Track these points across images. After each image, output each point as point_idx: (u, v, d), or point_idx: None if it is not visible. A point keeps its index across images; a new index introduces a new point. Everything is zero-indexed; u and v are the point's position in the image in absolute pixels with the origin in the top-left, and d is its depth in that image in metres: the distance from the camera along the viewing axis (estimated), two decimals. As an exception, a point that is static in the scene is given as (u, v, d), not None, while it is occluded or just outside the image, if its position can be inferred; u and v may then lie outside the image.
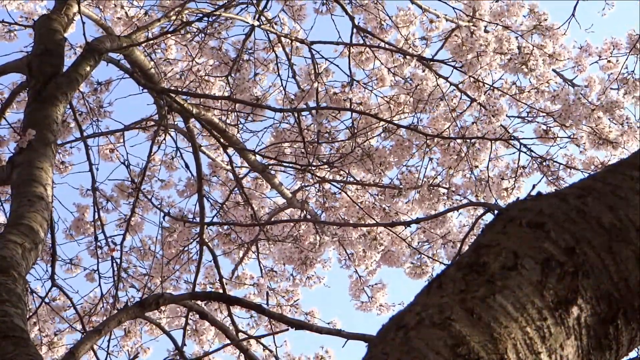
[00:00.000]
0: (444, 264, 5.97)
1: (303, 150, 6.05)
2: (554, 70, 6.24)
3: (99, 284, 6.02)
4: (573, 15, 6.13)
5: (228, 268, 6.50)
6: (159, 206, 6.19)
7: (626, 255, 1.55)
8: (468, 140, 6.02)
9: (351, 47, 6.18)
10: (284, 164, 6.21)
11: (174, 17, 5.69)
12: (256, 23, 6.04)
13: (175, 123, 6.22)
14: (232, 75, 6.27)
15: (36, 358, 2.62)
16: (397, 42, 6.25)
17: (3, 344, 2.64)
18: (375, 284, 6.46)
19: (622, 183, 1.61)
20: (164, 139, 6.27)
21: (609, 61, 6.28)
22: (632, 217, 1.57)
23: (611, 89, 6.15)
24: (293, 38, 6.21)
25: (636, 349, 1.64)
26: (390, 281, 6.59)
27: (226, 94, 6.28)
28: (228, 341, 3.63)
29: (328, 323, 6.43)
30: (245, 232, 6.27)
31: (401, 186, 6.17)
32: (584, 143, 6.06)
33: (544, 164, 6.07)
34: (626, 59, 6.20)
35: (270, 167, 6.32)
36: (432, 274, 6.13)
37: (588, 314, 1.52)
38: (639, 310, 1.55)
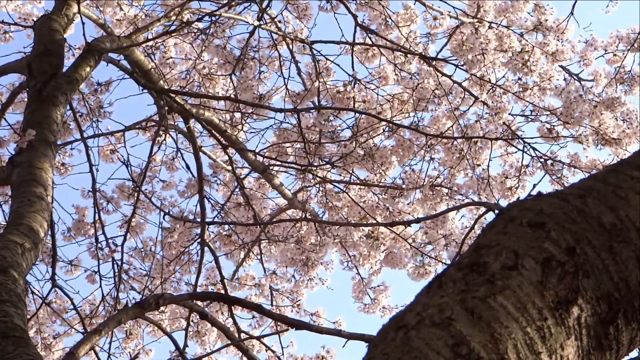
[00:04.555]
0: (446, 264, 5.96)
1: (304, 150, 6.05)
2: (560, 66, 6.23)
3: (100, 286, 6.02)
4: (572, 13, 6.13)
5: (229, 270, 6.50)
6: (159, 206, 6.18)
7: (626, 256, 1.55)
8: (470, 139, 6.01)
9: (354, 46, 6.18)
10: (285, 163, 6.21)
11: (174, 17, 5.68)
12: (257, 23, 6.04)
13: (176, 123, 6.22)
14: (236, 73, 6.27)
15: (36, 358, 2.62)
16: (399, 40, 6.25)
17: (3, 344, 2.64)
18: (378, 286, 6.45)
19: (623, 183, 1.61)
20: (164, 139, 6.27)
21: (614, 55, 6.28)
22: (633, 217, 1.57)
23: (619, 83, 6.14)
24: (293, 38, 6.21)
25: (636, 349, 1.63)
26: (393, 284, 6.59)
27: (230, 93, 6.28)
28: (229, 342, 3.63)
29: (333, 323, 6.43)
30: (246, 232, 6.27)
31: (403, 186, 6.17)
32: (587, 141, 6.05)
33: (548, 162, 6.07)
34: (624, 58, 6.19)
35: (271, 167, 6.32)
36: (435, 274, 6.10)
37: (588, 314, 1.52)
38: (639, 310, 1.55)
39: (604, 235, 1.56)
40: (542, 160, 6.08)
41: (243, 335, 5.55)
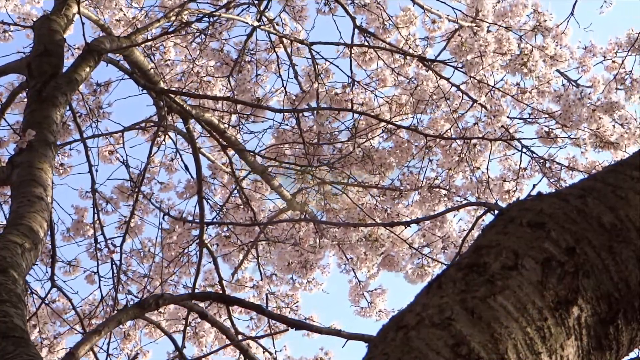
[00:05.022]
0: (445, 264, 5.96)
1: (303, 151, 6.05)
2: (558, 71, 6.23)
3: (99, 286, 6.01)
4: (572, 14, 6.13)
5: (228, 273, 6.50)
6: (159, 207, 6.18)
7: (626, 256, 1.55)
8: (469, 141, 6.01)
9: (352, 48, 6.19)
10: (284, 164, 6.21)
11: (173, 18, 5.69)
12: (256, 24, 6.05)
13: (175, 124, 6.22)
14: (233, 75, 6.27)
15: (36, 358, 2.62)
16: (397, 42, 6.25)
17: (3, 344, 2.64)
18: (375, 289, 6.44)
19: (623, 183, 1.62)
20: (164, 139, 6.27)
21: (613, 61, 6.28)
22: (633, 217, 1.57)
23: (617, 89, 6.15)
24: (293, 39, 6.21)
25: (637, 349, 1.64)
26: (390, 287, 6.59)
27: (227, 95, 6.28)
28: (228, 342, 3.62)
29: (328, 327, 6.39)
30: (245, 233, 6.26)
31: (402, 187, 6.17)
32: (585, 144, 6.05)
33: (546, 165, 6.07)
34: (623, 60, 6.19)
35: (270, 168, 6.32)
36: (432, 276, 6.08)
37: (588, 314, 1.52)
38: (639, 310, 1.55)
39: (604, 235, 1.56)
40: (540, 162, 6.08)
41: (241, 337, 5.55)
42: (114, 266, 5.99)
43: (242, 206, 6.34)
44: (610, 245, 1.55)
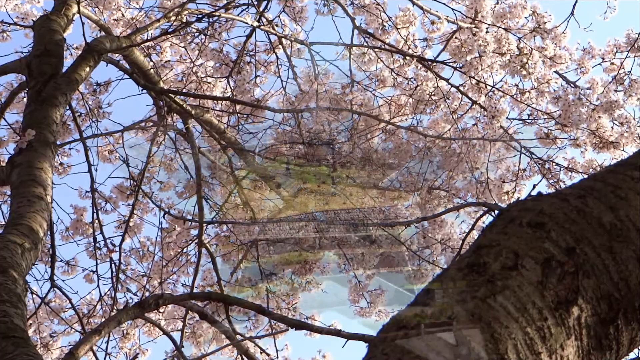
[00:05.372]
0: (442, 267, 5.96)
1: (303, 151, 6.05)
2: (556, 72, 6.23)
3: (98, 286, 6.01)
4: (572, 14, 6.13)
5: (226, 273, 6.49)
6: (159, 205, 6.18)
7: (627, 256, 1.55)
8: (468, 141, 6.01)
9: (352, 49, 6.19)
10: (284, 164, 6.21)
11: (173, 18, 5.69)
12: (256, 24, 6.05)
13: (175, 124, 6.22)
14: (233, 76, 6.27)
15: (36, 358, 2.62)
16: (397, 42, 6.25)
17: (3, 344, 2.64)
18: (375, 290, 6.44)
19: (622, 183, 1.62)
20: (163, 139, 6.27)
21: (612, 63, 6.28)
22: (633, 217, 1.57)
23: (617, 90, 6.15)
24: (293, 39, 6.22)
25: (637, 349, 1.64)
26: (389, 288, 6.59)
27: (227, 95, 6.29)
28: (227, 342, 3.63)
29: (329, 326, 6.41)
30: (244, 234, 6.26)
31: (401, 189, 6.17)
32: (585, 144, 6.05)
33: (545, 166, 6.07)
34: (623, 61, 6.19)
35: (269, 168, 6.32)
36: (433, 277, 6.06)
37: (588, 314, 1.52)
38: (639, 310, 1.55)
39: (604, 235, 1.56)
40: (539, 162, 6.08)
41: (240, 337, 5.54)
42: (113, 265, 5.99)
43: (241, 205, 6.35)
44: (610, 245, 1.55)
